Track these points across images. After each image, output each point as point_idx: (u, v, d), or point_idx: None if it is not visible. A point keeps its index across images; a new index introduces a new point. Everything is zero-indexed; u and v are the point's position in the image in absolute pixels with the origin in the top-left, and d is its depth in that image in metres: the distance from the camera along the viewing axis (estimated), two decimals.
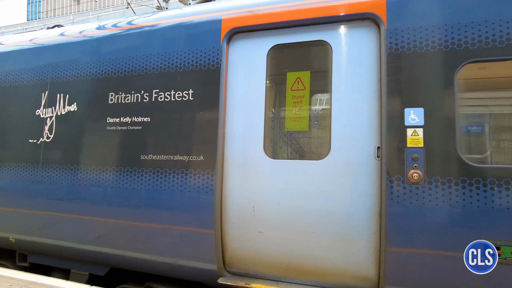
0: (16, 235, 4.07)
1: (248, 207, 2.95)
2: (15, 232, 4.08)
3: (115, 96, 3.57)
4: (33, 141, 3.97)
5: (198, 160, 3.12)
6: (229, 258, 3.05)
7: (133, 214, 3.41)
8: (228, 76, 3.14)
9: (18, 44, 4.49)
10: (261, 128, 2.99)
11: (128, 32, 3.74)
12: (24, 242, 4.05)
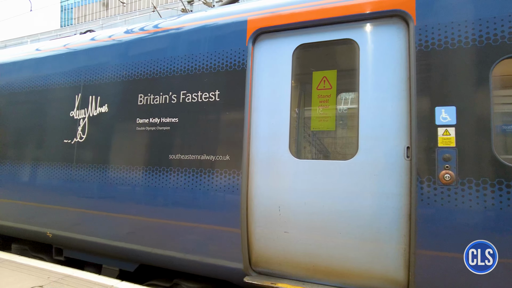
0: (52, 230, 4.27)
1: (273, 207, 2.95)
2: (51, 227, 4.27)
3: (144, 97, 3.66)
4: (68, 141, 4.15)
5: (224, 160, 3.16)
6: (255, 257, 3.07)
7: (161, 212, 3.49)
8: (254, 76, 3.16)
9: (53, 50, 4.71)
10: (287, 128, 2.99)
11: (156, 35, 3.83)
12: (60, 237, 4.25)
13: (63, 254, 4.47)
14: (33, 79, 4.66)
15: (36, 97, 4.60)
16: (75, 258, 4.38)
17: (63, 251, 4.46)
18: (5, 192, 4.71)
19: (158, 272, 3.94)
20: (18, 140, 4.75)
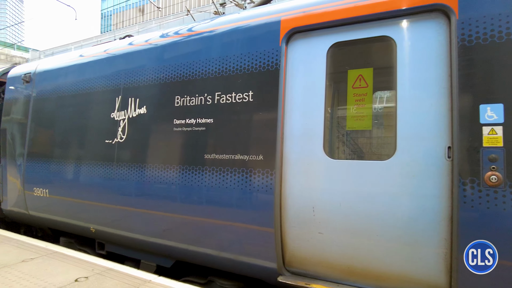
0: (95, 225, 4.51)
1: (308, 207, 2.93)
2: (94, 223, 4.52)
3: (181, 99, 3.77)
4: (109, 142, 4.36)
5: (258, 160, 3.18)
6: (289, 257, 3.06)
7: (196, 210, 3.57)
8: (287, 76, 3.15)
9: (95, 55, 4.98)
10: (321, 128, 2.95)
11: (190, 39, 3.92)
12: (102, 232, 4.48)
13: (105, 249, 4.70)
14: (78, 83, 4.94)
15: (80, 100, 4.87)
16: (116, 252, 4.59)
17: (105, 245, 4.69)
18: (55, 189, 5.02)
19: (193, 268, 4.05)
20: (65, 141, 5.06)
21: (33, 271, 3.62)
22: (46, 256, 4.11)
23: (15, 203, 5.70)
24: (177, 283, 3.35)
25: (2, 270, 3.66)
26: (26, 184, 5.43)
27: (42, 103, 5.44)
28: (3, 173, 5.93)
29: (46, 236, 5.95)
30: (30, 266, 3.79)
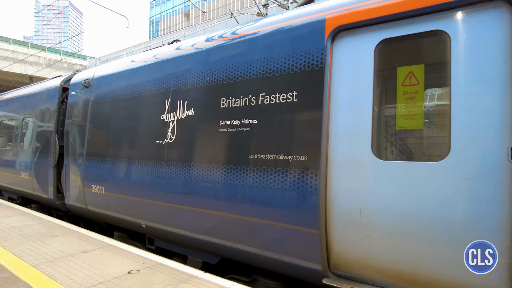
0: (146, 221, 4.75)
1: (354, 209, 2.85)
2: (145, 219, 4.76)
3: (226, 101, 3.86)
4: (159, 142, 4.57)
5: (302, 160, 3.15)
6: (334, 260, 3.00)
7: (240, 209, 3.63)
8: (333, 75, 3.09)
9: (145, 61, 5.26)
10: (369, 127, 2.85)
11: (234, 41, 3.99)
12: (152, 228, 4.71)
13: (154, 244, 4.94)
14: (131, 87, 5.24)
15: (133, 103, 5.17)
16: (164, 248, 4.80)
17: (154, 241, 4.94)
18: (110, 187, 5.38)
19: (238, 266, 4.12)
20: (119, 142, 5.41)
21: (92, 261, 3.91)
22: (102, 248, 4.43)
23: (76, 199, 6.20)
24: (222, 280, 3.43)
25: (67, 258, 4.01)
26: (85, 181, 5.88)
27: (99, 106, 5.86)
28: (67, 171, 6.48)
29: (102, 230, 6.41)
30: (90, 256, 4.10)
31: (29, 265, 3.80)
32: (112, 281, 3.35)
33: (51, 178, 6.94)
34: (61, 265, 3.79)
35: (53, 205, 7.25)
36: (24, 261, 3.94)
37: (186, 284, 3.28)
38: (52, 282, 3.34)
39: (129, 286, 3.24)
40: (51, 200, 7.04)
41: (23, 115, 8.53)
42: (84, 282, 3.34)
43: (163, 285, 3.27)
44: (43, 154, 7.25)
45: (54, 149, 6.84)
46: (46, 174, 7.08)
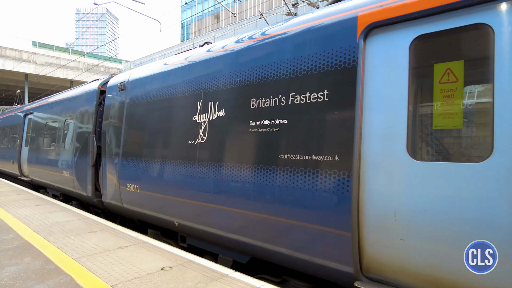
0: (178, 219, 4.87)
1: (388, 211, 2.75)
2: (177, 217, 4.88)
3: (256, 101, 3.87)
4: (191, 142, 4.67)
5: (334, 161, 3.08)
6: (367, 263, 2.92)
7: (270, 209, 3.62)
8: (365, 73, 3.00)
9: (177, 63, 5.39)
10: (404, 127, 2.74)
11: (264, 42, 3.99)
12: (184, 226, 4.82)
13: (186, 242, 5.05)
14: (163, 89, 5.40)
15: (166, 105, 5.31)
16: (196, 246, 4.89)
17: (186, 238, 5.05)
18: (144, 185, 5.57)
19: (268, 266, 4.11)
20: (153, 142, 5.58)
21: (127, 257, 4.07)
22: (137, 245, 4.60)
23: (112, 197, 6.48)
24: (252, 279, 3.44)
25: (104, 253, 4.20)
26: (121, 180, 6.12)
27: (134, 108, 6.08)
28: (104, 170, 6.79)
29: (136, 227, 6.65)
30: (125, 252, 4.27)
31: (71, 258, 4.03)
32: (146, 277, 3.46)
33: (90, 177, 7.29)
34: (99, 260, 3.97)
35: (91, 203, 7.61)
36: (66, 254, 4.18)
37: (217, 282, 3.33)
38: (91, 275, 3.51)
39: (162, 282, 3.34)
40: (89, 197, 7.40)
41: (65, 117, 9.05)
42: (120, 276, 3.48)
43: (194, 282, 3.34)
44: (83, 154, 7.65)
45: (92, 149, 7.19)
46: (85, 173, 7.46)
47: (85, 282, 3.34)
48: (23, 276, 3.49)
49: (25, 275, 3.51)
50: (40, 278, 3.43)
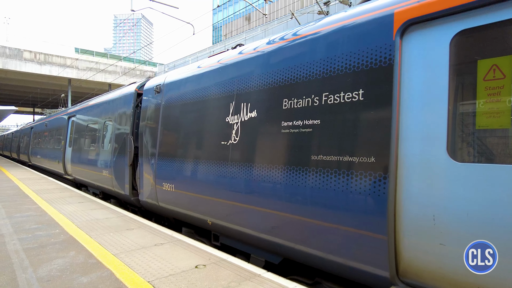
0: (212, 218, 4.95)
1: (427, 215, 2.63)
2: (211, 216, 4.96)
3: (288, 102, 3.85)
4: (224, 143, 4.74)
5: (369, 162, 3.00)
6: (403, 267, 2.82)
7: (303, 210, 3.58)
8: (402, 72, 2.89)
9: (210, 66, 5.48)
10: (444, 127, 2.61)
11: (296, 42, 3.95)
12: (217, 225, 4.89)
13: (219, 241, 5.12)
14: (197, 91, 5.52)
15: (200, 106, 5.43)
16: (228, 245, 4.95)
17: (219, 237, 5.12)
18: (179, 185, 5.72)
19: (300, 268, 4.08)
20: (187, 143, 5.72)
21: (163, 254, 4.21)
22: (172, 243, 4.74)
23: (149, 195, 6.70)
24: (284, 280, 3.43)
25: (141, 250, 4.37)
26: (157, 179, 6.31)
27: (169, 110, 6.26)
28: (140, 170, 7.04)
29: (171, 225, 6.85)
30: (161, 250, 4.42)
31: (111, 253, 4.23)
32: (181, 274, 3.56)
33: (127, 176, 7.60)
34: (137, 256, 4.14)
35: (128, 201, 7.93)
36: (106, 249, 4.39)
37: (250, 282, 3.36)
38: (129, 270, 3.67)
39: (197, 280, 3.42)
40: (127, 196, 7.71)
41: (104, 118, 9.50)
42: (156, 273, 3.60)
43: (227, 281, 3.38)
44: (121, 154, 7.99)
45: (129, 149, 7.48)
46: (123, 172, 7.80)
47: (124, 277, 3.50)
48: (69, 269, 3.71)
49: (70, 268, 3.74)
50: (83, 271, 3.64)
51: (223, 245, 5.12)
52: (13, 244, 4.61)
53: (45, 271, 3.65)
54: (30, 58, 37.82)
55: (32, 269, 3.69)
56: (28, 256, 4.14)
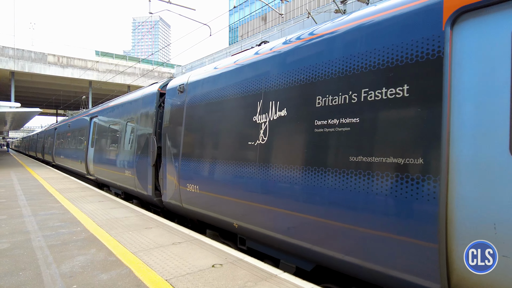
0: (238, 221, 4.77)
1: (486, 223, 2.37)
2: (237, 219, 4.78)
3: (322, 99, 3.59)
4: (251, 143, 4.56)
5: (417, 164, 2.72)
6: (457, 280, 2.54)
7: (340, 215, 3.34)
8: (453, 65, 2.62)
9: (236, 63, 5.24)
10: (506, 125, 2.33)
11: (332, 35, 3.70)
12: (244, 228, 4.69)
13: (245, 244, 4.96)
14: (223, 90, 5.33)
15: (226, 106, 5.23)
16: (256, 249, 4.76)
17: (246, 241, 4.96)
18: (204, 186, 5.55)
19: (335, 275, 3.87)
20: (212, 143, 5.54)
21: (180, 253, 4.26)
22: (189, 242, 4.79)
23: (172, 196, 6.59)
24: (301, 281, 3.40)
25: (159, 249, 4.44)
26: (181, 180, 6.17)
27: (194, 109, 6.09)
28: (164, 170, 6.91)
29: (194, 226, 6.75)
30: (178, 248, 4.48)
31: (130, 252, 4.32)
32: (198, 273, 3.59)
33: (150, 177, 7.50)
34: (155, 255, 4.21)
35: (151, 201, 7.84)
36: (125, 248, 4.48)
37: (266, 282, 3.35)
38: (148, 268, 3.73)
39: (213, 279, 3.44)
40: (149, 196, 7.63)
41: (127, 119, 9.45)
42: (174, 271, 3.65)
43: (244, 281, 3.39)
44: (143, 154, 7.87)
45: (152, 149, 7.37)
46: (146, 172, 7.70)
47: (142, 274, 3.56)
48: (90, 266, 3.81)
49: (91, 265, 3.84)
50: (104, 269, 3.73)
51: (250, 249, 4.92)
52: (38, 241, 4.78)
53: (67, 267, 3.76)
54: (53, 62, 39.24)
55: (55, 265, 3.82)
56: (52, 252, 4.28)
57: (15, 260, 3.97)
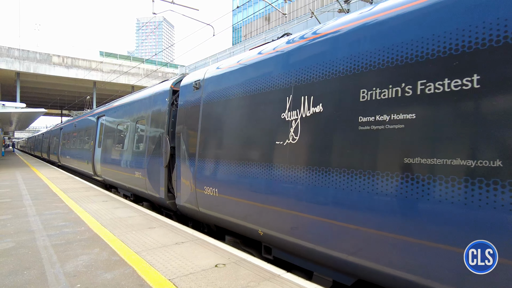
0: (264, 228, 4.36)
1: None
2: (263, 225, 4.37)
3: (368, 92, 3.17)
4: (279, 143, 4.14)
5: (494, 167, 2.34)
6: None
7: (392, 225, 2.94)
8: None
9: (262, 56, 4.82)
10: None
11: (385, 18, 3.25)
12: (270, 236, 4.28)
13: (271, 253, 4.54)
14: (246, 85, 4.90)
15: (249, 102, 4.81)
16: (284, 259, 4.35)
17: (271, 250, 4.53)
18: (224, 189, 5.15)
19: None
20: (233, 143, 5.11)
21: (183, 253, 4.27)
22: (192, 242, 4.79)
23: (187, 200, 6.17)
24: (304, 281, 3.39)
25: (162, 249, 4.45)
26: (197, 182, 5.75)
27: (212, 107, 5.66)
28: (178, 172, 6.50)
29: (210, 232, 6.34)
30: (181, 248, 4.48)
31: (133, 251, 4.33)
32: (201, 273, 3.60)
33: (162, 178, 7.08)
34: (158, 254, 4.22)
35: (163, 205, 7.44)
36: (129, 247, 4.50)
37: (269, 282, 3.35)
38: (151, 268, 3.74)
39: (216, 279, 3.44)
40: (162, 199, 7.22)
41: (137, 118, 8.99)
42: (177, 271, 3.66)
43: (247, 280, 3.39)
44: (155, 155, 7.46)
45: (165, 149, 6.97)
46: (158, 174, 7.27)
47: (145, 274, 3.57)
48: (94, 265, 3.83)
49: (95, 264, 3.86)
50: (107, 268, 3.74)
51: (276, 259, 4.48)
52: (43, 240, 4.81)
53: (71, 266, 3.79)
54: (58, 62, 39.55)
55: (59, 265, 3.84)
56: (56, 252, 4.31)
57: (20, 259, 4.00)
